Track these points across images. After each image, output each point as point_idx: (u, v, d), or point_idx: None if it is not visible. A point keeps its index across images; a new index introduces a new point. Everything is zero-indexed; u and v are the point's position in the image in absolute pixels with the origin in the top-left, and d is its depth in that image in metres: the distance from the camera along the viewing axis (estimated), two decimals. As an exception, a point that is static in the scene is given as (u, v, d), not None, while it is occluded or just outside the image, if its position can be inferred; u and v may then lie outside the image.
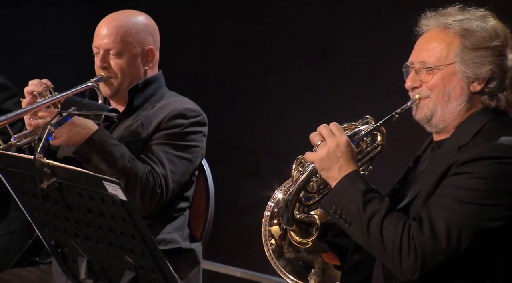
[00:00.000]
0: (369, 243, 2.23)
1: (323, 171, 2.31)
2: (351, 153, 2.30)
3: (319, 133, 2.32)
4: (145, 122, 2.97)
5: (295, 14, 4.47)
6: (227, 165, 4.64)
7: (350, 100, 4.24)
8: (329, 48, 4.37)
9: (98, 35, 2.98)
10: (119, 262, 2.38)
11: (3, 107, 3.14)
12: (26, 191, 2.44)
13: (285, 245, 2.42)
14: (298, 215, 2.39)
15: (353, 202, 2.25)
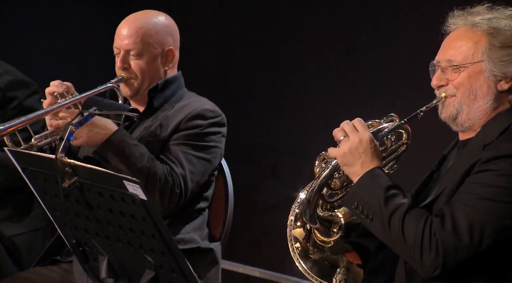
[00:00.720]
0: (390, 239, 2.23)
1: (345, 167, 2.31)
2: (374, 149, 2.30)
3: (342, 129, 2.32)
4: (164, 122, 2.98)
5: (316, 14, 4.47)
6: (246, 165, 4.65)
7: (372, 100, 4.23)
8: (350, 47, 4.36)
9: (118, 36, 3.00)
10: (139, 261, 2.39)
11: (25, 104, 3.17)
12: (48, 190, 2.46)
13: (310, 246, 2.42)
14: (322, 212, 2.39)
15: (374, 197, 2.25)
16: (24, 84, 3.21)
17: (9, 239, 3.12)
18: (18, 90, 3.18)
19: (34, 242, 3.17)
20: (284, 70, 4.63)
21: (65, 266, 2.95)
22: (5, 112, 3.15)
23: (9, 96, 3.16)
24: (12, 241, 3.13)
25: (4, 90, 3.16)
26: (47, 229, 3.23)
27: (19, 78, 3.20)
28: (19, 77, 3.21)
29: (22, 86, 3.20)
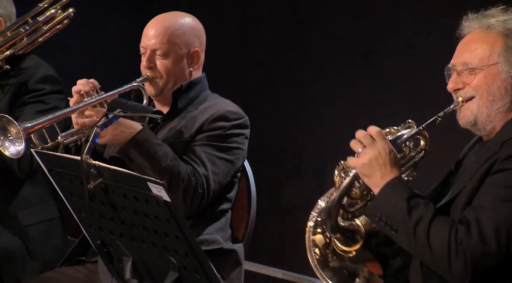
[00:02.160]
0: (416, 249, 2.22)
1: (365, 178, 2.29)
2: (393, 158, 2.28)
3: (359, 140, 2.31)
4: (188, 124, 2.99)
5: (337, 15, 4.46)
6: (268, 166, 4.65)
7: (392, 101, 4.22)
8: (371, 49, 4.35)
9: (145, 36, 3.01)
10: (163, 262, 2.41)
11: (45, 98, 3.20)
12: (73, 191, 2.48)
13: (329, 254, 2.41)
14: (342, 222, 2.38)
15: (397, 209, 2.24)
16: (51, 80, 3.23)
17: (24, 229, 3.14)
18: (44, 84, 3.21)
19: (48, 232, 3.19)
20: (305, 72, 4.63)
21: (90, 266, 2.97)
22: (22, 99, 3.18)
23: (34, 88, 3.19)
24: (26, 230, 3.15)
25: (31, 81, 3.19)
26: (62, 220, 3.24)
27: (48, 73, 3.23)
28: (49, 72, 3.24)
29: (49, 81, 3.23)
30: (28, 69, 3.22)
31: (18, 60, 3.24)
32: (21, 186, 3.18)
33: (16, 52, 3.23)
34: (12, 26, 3.22)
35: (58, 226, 3.23)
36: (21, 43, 3.24)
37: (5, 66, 3.20)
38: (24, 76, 3.20)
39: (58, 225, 3.23)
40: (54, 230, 3.21)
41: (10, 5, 3.26)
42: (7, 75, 3.21)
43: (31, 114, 3.14)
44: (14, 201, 3.16)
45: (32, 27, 3.26)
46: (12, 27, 3.22)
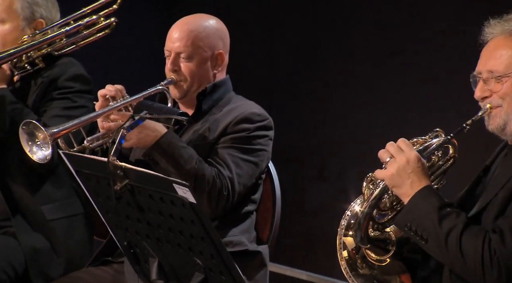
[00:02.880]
0: (448, 259, 2.20)
1: (394, 188, 2.28)
2: (422, 168, 2.27)
3: (387, 150, 2.30)
4: (212, 126, 3.00)
5: (363, 16, 4.45)
6: (293, 167, 4.65)
7: (418, 102, 4.20)
8: (397, 49, 4.33)
9: (170, 39, 3.03)
10: (189, 264, 2.42)
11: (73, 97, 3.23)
12: (100, 192, 2.50)
13: (358, 260, 2.40)
14: (372, 233, 2.37)
15: (428, 218, 2.22)
16: (82, 79, 3.27)
17: (48, 223, 3.18)
18: (74, 82, 3.25)
19: (71, 227, 3.22)
20: (330, 72, 4.62)
21: (116, 267, 3.00)
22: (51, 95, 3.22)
23: (64, 85, 3.23)
24: (50, 225, 3.18)
25: (61, 78, 3.23)
26: (86, 216, 3.27)
27: (79, 72, 3.27)
28: (80, 72, 3.28)
29: (79, 80, 3.26)
30: (60, 66, 3.26)
31: (53, 59, 3.27)
32: (45, 181, 3.21)
33: (53, 52, 3.27)
34: (54, 25, 3.26)
35: (81, 222, 3.25)
36: (60, 43, 3.28)
37: (40, 64, 3.24)
38: (56, 73, 3.24)
39: (81, 221, 3.25)
40: (78, 226, 3.24)
41: (56, 10, 3.31)
42: (41, 72, 3.25)
43: (57, 110, 3.18)
44: (38, 196, 3.19)
45: (73, 29, 3.30)
46: (53, 27, 3.26)
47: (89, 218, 3.28)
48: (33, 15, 3.24)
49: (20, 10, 3.21)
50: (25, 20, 3.22)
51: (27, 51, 3.20)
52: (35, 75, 3.25)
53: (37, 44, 3.21)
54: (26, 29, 3.23)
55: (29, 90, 3.24)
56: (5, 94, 3.13)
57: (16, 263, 3.11)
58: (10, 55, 3.17)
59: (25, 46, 3.19)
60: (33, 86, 3.24)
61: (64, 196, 3.24)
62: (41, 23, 3.26)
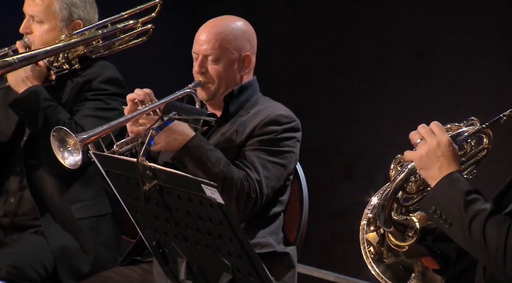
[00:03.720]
0: (470, 245, 2.18)
1: (422, 170, 2.26)
2: (452, 152, 2.24)
3: (418, 132, 2.28)
4: (239, 128, 3.01)
5: (391, 16, 4.43)
6: (320, 168, 4.64)
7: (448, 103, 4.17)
8: (424, 49, 4.31)
9: (197, 41, 3.05)
10: (217, 264, 2.43)
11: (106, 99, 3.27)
12: (129, 193, 2.52)
13: (384, 251, 2.39)
14: (396, 216, 2.35)
15: (454, 202, 2.19)
16: (116, 82, 3.31)
17: (76, 222, 3.21)
18: (109, 85, 3.29)
19: (99, 227, 3.25)
20: (358, 72, 4.60)
21: (145, 266, 3.01)
22: (84, 95, 3.26)
23: (98, 87, 3.27)
24: (78, 224, 3.21)
25: (96, 80, 3.27)
26: (114, 216, 3.30)
27: (114, 75, 3.31)
28: (115, 75, 3.32)
29: (114, 83, 3.30)
30: (96, 68, 3.30)
31: (89, 61, 3.31)
32: (74, 181, 3.24)
33: (89, 53, 3.31)
34: (91, 27, 3.30)
35: (109, 222, 3.28)
36: (96, 45, 3.32)
37: (76, 65, 3.28)
38: (91, 75, 3.28)
39: (109, 221, 3.28)
40: (105, 225, 3.27)
41: (94, 11, 3.35)
42: (76, 73, 3.29)
43: (89, 110, 3.22)
44: (66, 195, 3.23)
45: (110, 32, 3.34)
46: (91, 28, 3.30)
47: (117, 218, 3.31)
48: (71, 16, 3.28)
49: (58, 11, 3.26)
50: (63, 21, 3.27)
51: (63, 50, 3.24)
52: (70, 75, 3.29)
53: (73, 44, 3.25)
54: (64, 30, 3.28)
55: (63, 90, 3.28)
56: (40, 90, 3.18)
57: (47, 262, 3.15)
58: (46, 53, 3.21)
59: (61, 45, 3.23)
60: (68, 86, 3.28)
61: (93, 195, 3.27)
62: (79, 24, 3.30)
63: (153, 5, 3.43)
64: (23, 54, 3.17)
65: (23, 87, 3.18)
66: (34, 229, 3.25)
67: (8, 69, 3.15)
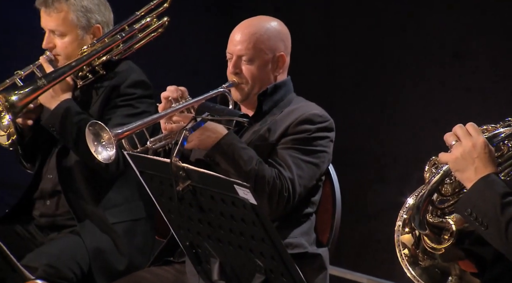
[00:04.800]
0: (507, 248, 2.15)
1: (457, 172, 2.23)
2: (488, 154, 2.20)
3: (454, 133, 2.26)
4: (272, 127, 3.01)
5: (424, 17, 4.39)
6: (353, 169, 4.62)
7: (482, 104, 4.12)
8: (459, 51, 4.26)
9: (232, 42, 3.05)
10: (250, 265, 2.43)
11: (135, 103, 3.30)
12: (163, 193, 2.53)
13: (419, 253, 2.36)
14: (431, 218, 2.32)
15: (490, 205, 2.16)
16: (142, 84, 3.34)
17: (111, 226, 3.24)
18: (135, 89, 3.32)
19: (133, 231, 3.28)
20: (391, 73, 4.57)
21: (177, 267, 3.02)
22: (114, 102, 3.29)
23: (126, 92, 3.30)
24: (113, 228, 3.24)
25: (123, 85, 3.30)
26: (148, 220, 3.32)
27: (140, 78, 3.34)
28: (140, 78, 3.34)
29: (140, 86, 3.33)
30: (121, 73, 3.33)
31: (113, 65, 3.35)
32: (110, 187, 3.28)
33: (112, 58, 3.35)
34: (110, 33, 3.34)
35: (143, 226, 3.31)
36: (117, 49, 3.36)
37: (101, 71, 3.32)
38: (117, 80, 3.31)
39: (143, 225, 3.31)
40: (139, 229, 3.30)
41: (109, 12, 3.38)
42: (102, 79, 3.33)
43: (121, 118, 3.25)
44: (102, 200, 3.27)
45: (128, 34, 3.37)
46: (110, 34, 3.34)
47: (151, 222, 3.33)
48: (89, 22, 3.31)
49: (76, 21, 3.29)
50: (83, 29, 3.30)
51: (87, 62, 3.29)
52: (95, 82, 3.33)
53: (95, 54, 3.29)
54: (85, 36, 3.32)
55: (91, 98, 3.33)
56: (71, 105, 3.23)
57: (82, 261, 3.19)
58: (72, 68, 3.27)
59: (85, 57, 3.29)
60: (94, 94, 3.32)
61: (127, 200, 3.31)
62: (98, 28, 3.33)
63: None
64: (51, 75, 3.23)
65: (54, 103, 3.23)
66: (70, 229, 3.30)
67: (39, 92, 3.21)
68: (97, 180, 3.25)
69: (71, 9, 3.28)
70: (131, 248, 3.25)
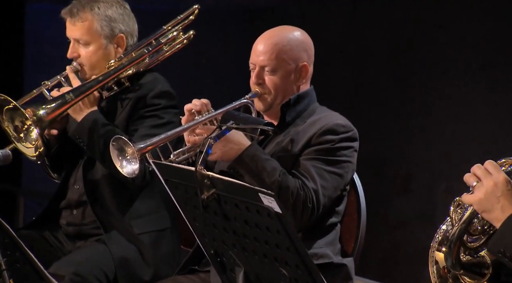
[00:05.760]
0: None
1: (484, 213, 2.20)
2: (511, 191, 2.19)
3: (473, 174, 2.23)
4: (296, 138, 3.01)
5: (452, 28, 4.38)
6: (377, 180, 4.60)
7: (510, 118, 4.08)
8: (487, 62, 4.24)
9: (254, 52, 3.06)
10: (275, 274, 2.42)
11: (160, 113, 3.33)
12: (188, 201, 2.54)
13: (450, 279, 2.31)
14: (465, 258, 2.28)
15: None
16: (167, 95, 3.37)
17: (137, 236, 3.26)
18: (160, 99, 3.35)
19: (159, 241, 3.30)
20: (417, 84, 4.55)
21: (202, 276, 3.02)
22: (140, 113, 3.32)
23: (151, 103, 3.33)
24: (139, 238, 3.26)
25: (148, 96, 3.33)
26: (173, 231, 3.34)
27: (165, 88, 3.37)
28: (165, 88, 3.38)
29: (165, 96, 3.36)
30: (146, 84, 3.37)
31: (138, 77, 3.38)
32: (136, 198, 3.31)
33: (138, 70, 3.38)
34: (137, 47, 3.39)
35: (168, 237, 3.33)
36: (143, 63, 3.39)
37: (126, 84, 3.36)
38: (142, 91, 3.35)
39: (168, 235, 3.33)
40: (165, 240, 3.31)
41: (133, 22, 3.42)
42: (127, 90, 3.37)
43: (146, 128, 3.28)
44: (128, 211, 3.29)
45: (155, 48, 3.42)
46: (137, 48, 3.38)
47: (177, 233, 3.35)
48: (112, 31, 3.35)
49: (100, 30, 3.33)
50: (107, 38, 3.34)
51: (114, 76, 3.33)
52: (121, 93, 3.37)
53: (122, 68, 3.34)
54: (109, 46, 3.36)
55: (116, 109, 3.36)
56: (98, 117, 3.27)
57: (108, 270, 3.21)
58: (99, 82, 3.31)
59: (112, 72, 3.33)
60: (119, 105, 3.36)
61: (153, 210, 3.33)
62: (121, 37, 3.37)
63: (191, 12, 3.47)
64: (79, 90, 3.27)
65: (81, 115, 3.27)
66: (96, 237, 3.33)
67: (66, 107, 3.25)
68: (123, 191, 3.28)
69: (96, 19, 3.32)
70: (157, 258, 3.27)
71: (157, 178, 2.61)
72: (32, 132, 3.22)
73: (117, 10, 3.35)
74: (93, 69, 3.33)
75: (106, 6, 3.34)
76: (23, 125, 3.23)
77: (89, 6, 3.32)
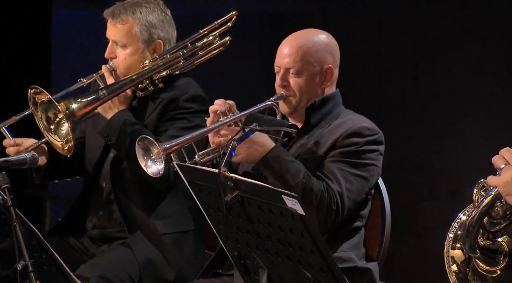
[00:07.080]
0: None
1: (508, 196, 2.19)
2: None
3: (502, 156, 2.21)
4: (321, 140, 2.99)
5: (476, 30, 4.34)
6: (403, 185, 4.57)
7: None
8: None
9: (280, 54, 3.05)
10: (298, 276, 2.41)
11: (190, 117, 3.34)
12: (211, 203, 2.54)
13: (469, 272, 2.30)
14: (483, 241, 2.28)
15: None
16: (200, 99, 3.38)
17: (160, 237, 3.27)
18: (192, 103, 3.36)
19: (181, 243, 3.30)
20: (442, 89, 4.52)
21: (226, 279, 3.01)
22: (170, 114, 3.33)
23: (183, 106, 3.35)
24: (162, 239, 3.27)
25: (181, 99, 3.35)
26: (196, 233, 3.34)
27: (197, 93, 3.39)
28: (198, 92, 3.39)
29: (197, 100, 3.37)
30: (180, 87, 3.38)
31: (172, 79, 3.40)
32: (162, 197, 3.32)
33: (172, 73, 3.40)
34: (173, 49, 3.40)
35: (191, 239, 3.33)
36: (178, 65, 3.41)
37: (160, 85, 3.37)
38: (175, 93, 3.36)
39: (191, 237, 3.33)
40: (187, 242, 3.32)
41: (172, 29, 3.43)
42: (160, 91, 3.38)
43: (175, 130, 3.29)
44: (151, 211, 3.31)
45: (190, 51, 3.43)
46: (172, 50, 3.40)
47: (200, 235, 3.35)
48: (151, 37, 3.37)
49: (139, 34, 3.35)
50: (144, 43, 3.36)
51: (148, 76, 3.34)
52: (153, 94, 3.38)
53: (156, 68, 3.35)
54: (145, 51, 3.38)
55: (146, 109, 3.38)
56: (127, 116, 3.28)
57: (133, 273, 3.23)
58: (132, 81, 3.32)
59: (146, 71, 3.34)
60: (151, 104, 3.37)
61: (177, 212, 3.34)
62: (159, 43, 3.38)
63: (229, 18, 3.48)
64: (112, 87, 3.29)
65: (110, 113, 3.30)
66: (121, 241, 3.34)
67: (99, 103, 3.27)
68: (150, 190, 3.29)
69: (136, 22, 3.34)
70: (180, 259, 3.27)
71: (181, 179, 2.61)
72: (63, 126, 3.24)
73: (158, 16, 3.37)
74: (127, 72, 3.35)
75: (148, 11, 3.36)
76: (55, 118, 3.25)
77: (131, 9, 3.35)
